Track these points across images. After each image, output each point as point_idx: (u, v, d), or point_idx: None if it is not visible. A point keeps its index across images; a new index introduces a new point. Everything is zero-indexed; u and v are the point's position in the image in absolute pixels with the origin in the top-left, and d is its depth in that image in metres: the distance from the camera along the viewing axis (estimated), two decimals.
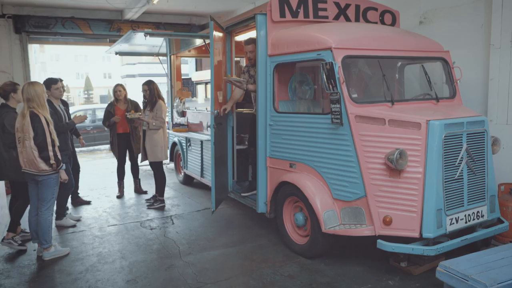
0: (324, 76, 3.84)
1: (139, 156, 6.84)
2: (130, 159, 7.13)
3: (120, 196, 7.08)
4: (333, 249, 4.36)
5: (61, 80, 5.80)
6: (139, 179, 7.37)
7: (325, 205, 4.07)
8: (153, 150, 6.22)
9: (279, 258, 4.40)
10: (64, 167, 4.51)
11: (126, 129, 6.84)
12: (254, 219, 5.61)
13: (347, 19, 4.96)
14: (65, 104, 6.19)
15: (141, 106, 6.83)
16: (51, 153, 4.29)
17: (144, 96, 6.41)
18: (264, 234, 5.07)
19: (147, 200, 6.66)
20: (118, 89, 6.89)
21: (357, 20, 5.02)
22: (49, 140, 4.28)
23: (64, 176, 4.51)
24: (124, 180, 7.22)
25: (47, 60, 51.11)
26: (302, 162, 4.37)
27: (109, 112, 6.85)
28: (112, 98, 7.07)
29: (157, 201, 6.42)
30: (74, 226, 5.60)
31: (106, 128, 7.25)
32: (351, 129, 3.87)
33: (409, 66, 4.97)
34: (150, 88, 6.26)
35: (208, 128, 6.18)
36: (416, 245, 3.66)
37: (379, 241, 3.71)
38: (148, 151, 6.27)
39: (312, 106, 4.81)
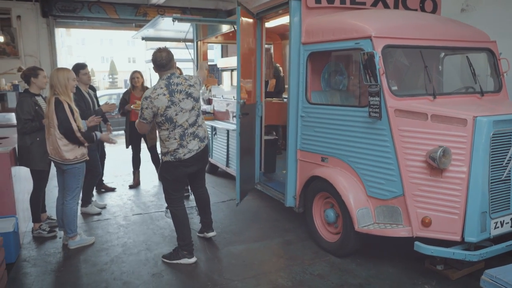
0: (363, 67, 3.61)
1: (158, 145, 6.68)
2: (149, 149, 6.86)
3: (134, 186, 6.91)
4: (364, 248, 4.17)
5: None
6: None
7: (359, 203, 3.87)
8: None
9: (307, 255, 4.24)
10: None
11: None
12: (281, 212, 5.45)
13: (386, 6, 4.67)
14: (93, 89, 6.09)
15: None
16: (78, 134, 4.17)
17: None
18: (291, 229, 4.92)
19: None
20: (136, 76, 6.61)
21: (396, 7, 4.72)
22: (75, 127, 4.15)
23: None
24: (144, 169, 7.07)
25: (73, 44, 51.71)
26: (335, 156, 4.17)
27: (124, 99, 6.64)
28: (129, 85, 6.86)
29: None
30: (99, 213, 5.55)
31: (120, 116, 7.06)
32: (390, 124, 3.64)
33: (449, 57, 4.67)
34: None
35: (234, 118, 6.02)
36: (456, 249, 3.44)
37: (416, 243, 3.50)
38: None
39: (346, 97, 4.58)
